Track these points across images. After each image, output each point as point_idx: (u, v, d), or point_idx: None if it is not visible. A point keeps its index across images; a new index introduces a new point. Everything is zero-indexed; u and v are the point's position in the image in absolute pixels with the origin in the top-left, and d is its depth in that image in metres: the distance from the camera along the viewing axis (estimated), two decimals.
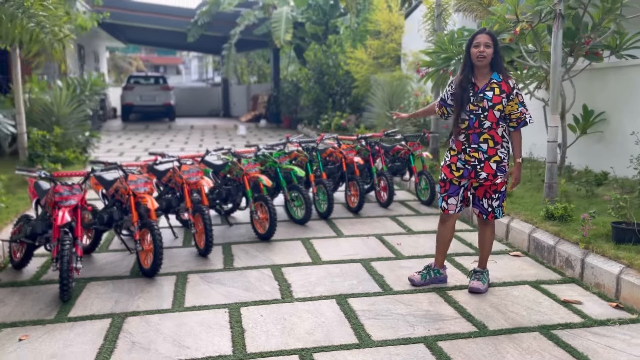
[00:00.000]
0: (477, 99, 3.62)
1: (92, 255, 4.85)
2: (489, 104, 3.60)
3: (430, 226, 5.77)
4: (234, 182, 5.53)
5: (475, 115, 3.62)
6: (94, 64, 23.47)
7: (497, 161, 3.66)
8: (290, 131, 17.11)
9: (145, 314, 3.61)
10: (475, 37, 3.61)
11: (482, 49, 3.56)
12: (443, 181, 3.83)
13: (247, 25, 18.02)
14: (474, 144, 3.66)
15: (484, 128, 3.62)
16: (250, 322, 3.49)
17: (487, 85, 3.65)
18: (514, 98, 3.65)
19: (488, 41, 3.58)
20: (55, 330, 3.37)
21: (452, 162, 3.77)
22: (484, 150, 3.65)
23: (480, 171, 3.67)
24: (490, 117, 3.61)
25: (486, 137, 3.64)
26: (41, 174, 4.04)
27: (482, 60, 3.59)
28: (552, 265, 4.55)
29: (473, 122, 3.63)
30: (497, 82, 3.65)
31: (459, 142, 3.71)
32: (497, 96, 3.61)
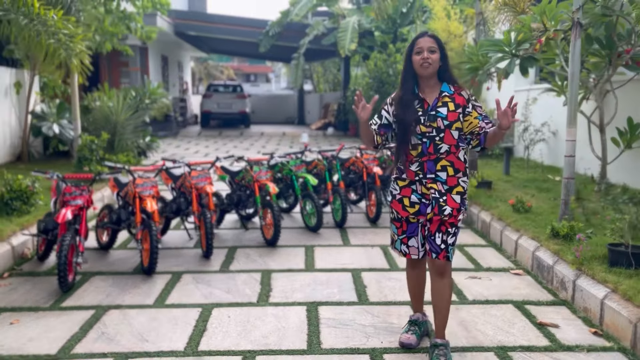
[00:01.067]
0: (428, 118, 2.91)
1: (109, 252, 5.25)
2: (444, 123, 2.89)
3: None
4: (247, 189, 5.76)
5: (429, 138, 2.91)
6: (177, 73, 24.95)
7: (460, 192, 2.98)
8: (356, 139, 17.22)
9: (126, 308, 3.89)
10: (416, 42, 2.95)
11: (425, 55, 2.89)
12: (398, 220, 3.12)
13: (316, 35, 18.36)
14: (430, 173, 2.95)
15: (440, 153, 2.92)
16: (216, 322, 3.66)
17: (438, 99, 2.94)
18: (472, 111, 2.94)
19: (432, 45, 2.91)
20: (44, 317, 3.74)
21: (405, 195, 3.03)
22: (443, 180, 2.95)
23: (445, 205, 2.95)
24: (448, 138, 2.91)
25: (445, 164, 2.93)
26: (54, 176, 4.48)
27: (427, 68, 2.90)
28: (550, 286, 4.34)
29: (427, 146, 2.92)
30: (449, 94, 2.95)
31: (412, 171, 3.00)
32: (452, 112, 2.91)
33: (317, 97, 26.69)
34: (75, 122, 8.00)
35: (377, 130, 3.06)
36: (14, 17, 4.66)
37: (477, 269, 4.77)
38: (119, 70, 18.69)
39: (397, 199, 3.08)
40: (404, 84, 3.01)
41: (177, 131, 19.93)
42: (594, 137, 6.90)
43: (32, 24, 4.68)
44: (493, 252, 5.27)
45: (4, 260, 4.69)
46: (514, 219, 5.45)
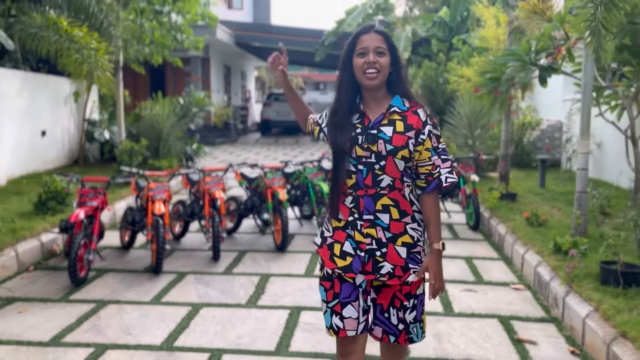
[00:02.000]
0: (367, 139, 2.13)
1: (130, 251, 5.61)
2: (387, 147, 2.11)
3: (454, 252, 5.59)
4: (261, 195, 5.96)
5: (367, 165, 2.14)
6: (240, 82, 25.80)
7: (407, 244, 2.14)
8: None
9: (124, 304, 4.18)
10: (358, 40, 2.17)
11: (371, 58, 2.12)
12: (327, 279, 2.22)
13: None
14: (367, 213, 2.14)
15: (381, 187, 2.13)
16: (200, 320, 3.86)
17: (385, 115, 2.16)
18: (426, 140, 2.15)
19: (380, 45, 2.14)
20: (50, 308, 4.09)
21: (337, 240, 2.20)
22: (385, 225, 2.14)
23: (382, 261, 2.14)
24: (391, 168, 2.12)
25: (386, 203, 2.13)
26: (72, 178, 4.88)
27: (373, 78, 2.13)
28: (545, 302, 4.21)
29: (363, 176, 2.14)
30: (401, 111, 2.17)
31: (346, 208, 2.18)
32: (400, 134, 2.13)
33: None
34: (120, 129, 8.57)
35: (314, 119, 2.39)
36: (45, 34, 5.15)
37: (477, 282, 4.70)
38: (182, 80, 19.63)
39: (327, 243, 2.22)
40: (340, 96, 2.23)
41: (235, 138, 20.61)
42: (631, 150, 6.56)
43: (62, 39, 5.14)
44: (501, 266, 5.15)
45: (32, 255, 5.13)
46: (525, 232, 5.31)
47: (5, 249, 4.85)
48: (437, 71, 14.88)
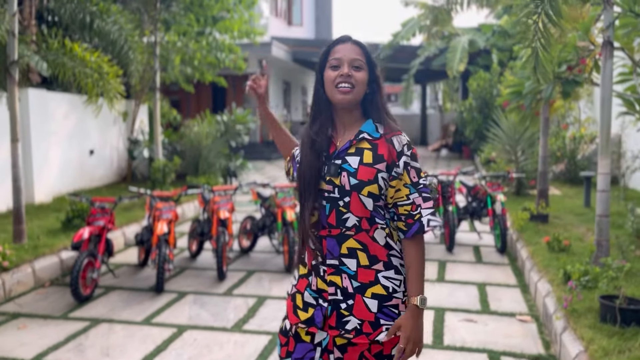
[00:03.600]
0: (329, 170, 1.85)
1: (144, 269, 5.75)
2: (350, 182, 1.81)
3: (470, 277, 5.29)
4: (273, 214, 5.93)
5: (330, 201, 1.84)
6: (300, 97, 26.11)
7: (379, 296, 1.82)
8: (466, 162, 16.54)
9: (116, 323, 4.27)
10: (332, 50, 1.89)
11: (345, 70, 1.84)
12: (283, 333, 1.96)
13: (427, 56, 18.09)
14: (331, 257, 1.85)
15: (346, 227, 1.83)
16: (179, 343, 3.86)
17: (352, 143, 1.87)
18: (402, 173, 1.83)
19: (357, 57, 1.87)
20: (47, 325, 4.24)
21: (299, 289, 1.94)
22: (352, 273, 1.83)
23: (348, 315, 1.83)
24: (356, 206, 1.81)
25: (353, 246, 1.83)
26: (82, 199, 5.08)
27: (346, 92, 1.84)
28: (548, 336, 3.86)
29: (326, 214, 1.85)
30: (372, 138, 1.86)
31: (310, 250, 1.90)
32: (367, 167, 1.82)
33: (438, 117, 26.13)
34: (157, 147, 8.89)
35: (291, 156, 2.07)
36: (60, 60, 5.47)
37: (481, 312, 4.40)
38: (241, 97, 20.15)
39: (291, 293, 1.96)
40: (314, 116, 1.94)
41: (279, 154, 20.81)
42: None
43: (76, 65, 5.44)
44: (515, 294, 4.80)
45: (50, 271, 5.38)
46: (543, 258, 4.92)
47: (22, 265, 5.11)
48: (491, 82, 14.31)
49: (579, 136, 9.60)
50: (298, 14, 24.94)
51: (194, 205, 8.45)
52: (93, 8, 6.11)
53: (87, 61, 5.56)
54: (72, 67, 5.48)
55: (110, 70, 5.86)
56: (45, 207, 7.69)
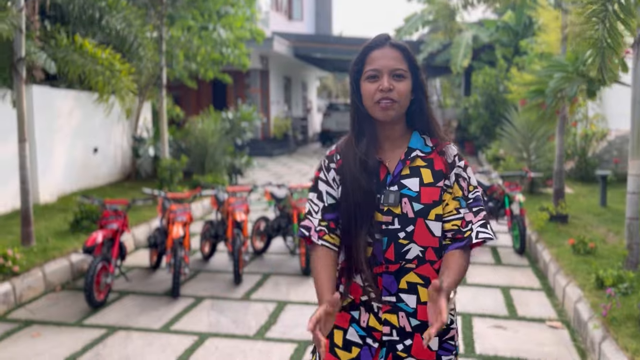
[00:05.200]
0: (386, 198, 1.63)
1: (156, 272, 5.60)
2: (414, 207, 1.62)
3: (492, 280, 5.17)
4: (288, 215, 5.79)
5: (387, 233, 1.62)
6: (301, 93, 25.93)
7: (440, 331, 1.65)
8: (470, 158, 16.44)
9: (133, 331, 4.12)
10: (367, 58, 1.64)
11: (385, 83, 1.60)
12: None
13: (431, 52, 17.94)
14: (387, 294, 1.63)
15: (406, 260, 1.62)
16: (201, 353, 3.73)
17: (404, 163, 1.66)
18: (453, 186, 1.65)
19: (398, 65, 1.62)
20: (62, 333, 4.10)
21: (336, 325, 1.69)
22: (411, 311, 1.63)
23: (405, 357, 1.64)
24: (421, 234, 1.62)
25: (414, 281, 1.63)
26: (94, 201, 4.92)
27: (387, 108, 1.61)
28: (583, 345, 3.74)
29: (383, 248, 1.62)
30: (425, 153, 1.68)
31: (357, 286, 1.67)
32: (429, 187, 1.64)
33: (439, 113, 25.99)
34: (163, 145, 8.72)
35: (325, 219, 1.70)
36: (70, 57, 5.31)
37: (509, 317, 4.28)
38: (243, 93, 19.95)
39: None
40: (359, 132, 1.69)
41: (294, 149, 20.67)
42: None
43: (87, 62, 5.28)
44: (541, 298, 4.68)
45: (61, 275, 5.23)
46: (569, 261, 4.80)
47: (32, 269, 4.95)
48: (498, 78, 14.18)
49: (591, 134, 9.49)
50: (298, 8, 24.73)
51: (202, 205, 8.30)
52: (102, 3, 5.95)
53: (98, 58, 5.41)
54: (82, 64, 5.33)
55: (123, 68, 5.70)
56: (50, 207, 7.52)
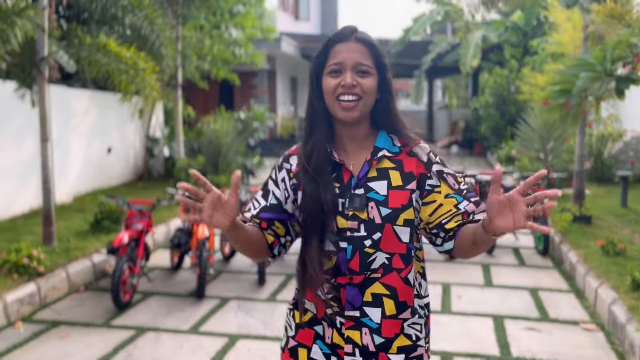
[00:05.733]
0: (351, 202, 1.49)
1: (178, 272, 5.56)
2: (381, 212, 1.49)
3: (518, 281, 5.13)
4: None
5: (352, 241, 1.49)
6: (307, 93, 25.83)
7: (405, 348, 1.52)
8: (479, 159, 16.41)
9: (162, 332, 4.08)
10: (331, 51, 1.50)
11: (348, 79, 1.46)
12: None
13: (439, 52, 17.90)
14: (350, 308, 1.50)
15: (371, 269, 1.49)
16: (233, 354, 3.69)
17: (370, 165, 1.52)
18: (440, 185, 1.52)
19: (362, 60, 1.48)
20: (90, 334, 4.06)
21: (301, 342, 1.59)
22: (375, 326, 1.49)
23: None
24: (389, 241, 1.49)
25: (379, 292, 1.49)
26: (119, 201, 4.89)
27: (350, 107, 1.48)
28: (621, 347, 3.69)
29: (347, 257, 1.49)
30: (392, 153, 1.54)
31: (319, 300, 1.53)
32: (398, 190, 1.50)
33: (446, 114, 25.92)
34: (178, 145, 8.68)
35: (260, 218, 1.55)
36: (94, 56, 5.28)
37: (541, 319, 4.23)
38: (249, 93, 19.93)
39: (289, 346, 1.60)
40: (312, 131, 1.54)
41: None
42: None
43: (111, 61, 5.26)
44: (571, 300, 4.64)
45: (84, 275, 5.19)
46: (599, 262, 4.76)
47: (56, 270, 4.92)
48: (509, 79, 14.13)
49: (607, 134, 9.44)
50: (305, 8, 24.70)
51: None
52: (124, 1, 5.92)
53: (122, 57, 5.38)
54: (106, 63, 5.30)
55: (147, 66, 5.67)
56: (67, 207, 7.49)
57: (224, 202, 1.34)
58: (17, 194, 7.00)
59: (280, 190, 1.57)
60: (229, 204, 1.35)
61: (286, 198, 1.56)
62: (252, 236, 1.51)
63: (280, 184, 1.57)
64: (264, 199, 1.58)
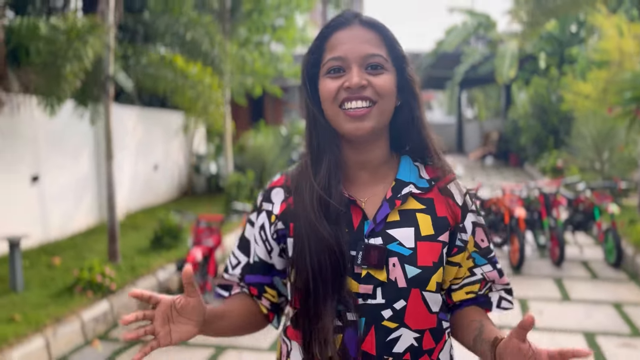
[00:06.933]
0: (366, 256, 1.07)
1: None
2: (407, 272, 1.08)
3: (598, 295, 4.94)
4: None
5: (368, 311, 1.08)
6: None
7: None
8: (516, 170, 16.16)
9: (242, 350, 4.00)
10: (328, 41, 1.10)
11: (355, 78, 1.05)
12: None
13: (473, 63, 17.78)
14: None
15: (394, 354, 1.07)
16: None
17: (392, 204, 1.11)
18: (469, 238, 1.16)
19: (373, 49, 1.08)
20: (171, 353, 4.00)
21: None
22: None
23: None
24: (415, 312, 1.08)
25: None
26: (189, 217, 4.85)
27: (362, 119, 1.07)
28: None
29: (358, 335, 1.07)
30: (420, 189, 1.14)
31: None
32: (429, 241, 1.10)
33: (476, 125, 25.69)
34: (227, 161, 8.69)
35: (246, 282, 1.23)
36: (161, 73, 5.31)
37: (633, 334, 4.04)
38: (280, 109, 20.01)
39: None
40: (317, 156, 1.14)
41: None
42: None
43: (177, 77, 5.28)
44: None
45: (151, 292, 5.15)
46: None
47: (126, 287, 4.89)
48: (549, 88, 13.91)
49: None
50: None
51: None
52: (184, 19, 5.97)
53: (189, 73, 5.40)
54: (172, 79, 5.33)
55: (213, 82, 5.69)
56: (121, 224, 7.49)
57: (180, 307, 1.03)
58: (74, 211, 7.04)
59: (259, 243, 1.18)
60: (188, 306, 1.03)
61: (268, 252, 1.18)
62: (239, 316, 1.18)
63: (259, 235, 1.18)
64: (245, 253, 1.21)
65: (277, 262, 1.17)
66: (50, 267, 5.35)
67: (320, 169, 1.11)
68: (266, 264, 1.18)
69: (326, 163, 1.11)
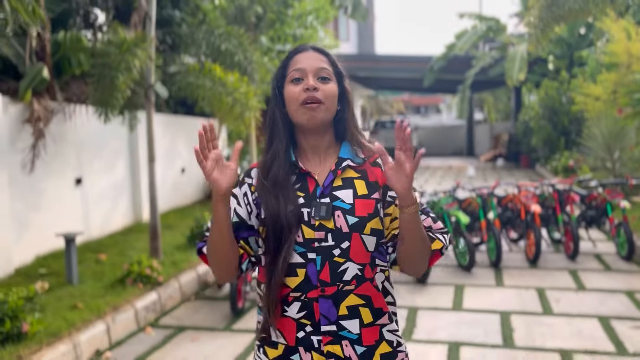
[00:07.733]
0: (317, 211, 1.48)
1: None
2: (349, 221, 1.48)
3: (611, 284, 5.27)
4: None
5: (321, 251, 1.47)
6: None
7: (386, 355, 1.50)
8: (528, 172, 16.44)
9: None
10: (291, 61, 1.56)
11: (310, 81, 1.51)
12: None
13: (483, 66, 18.08)
14: (327, 323, 1.46)
15: (344, 281, 1.46)
16: None
17: (335, 173, 1.54)
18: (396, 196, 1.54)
19: (323, 66, 1.54)
20: (217, 337, 4.38)
21: None
22: (355, 337, 1.46)
23: None
24: (358, 250, 1.48)
25: (354, 303, 1.47)
26: None
27: (315, 112, 1.51)
28: None
29: (317, 269, 1.46)
30: (357, 164, 1.56)
31: (291, 321, 1.48)
32: (364, 198, 1.51)
33: (487, 128, 25.98)
34: (251, 163, 9.08)
35: None
36: (201, 82, 5.70)
37: None
38: None
39: None
40: (272, 141, 1.55)
41: None
42: None
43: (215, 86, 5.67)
44: None
45: (192, 285, 5.54)
46: None
47: (170, 280, 5.28)
48: (559, 90, 14.21)
49: None
50: (344, 28, 25.22)
51: None
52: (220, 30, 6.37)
53: (227, 82, 5.79)
54: (210, 87, 5.72)
55: (249, 90, 6.07)
56: None
57: (225, 165, 1.39)
58: (112, 212, 7.46)
59: (243, 206, 1.52)
60: (229, 168, 1.39)
61: (249, 213, 1.52)
62: (231, 241, 1.45)
63: (242, 200, 1.53)
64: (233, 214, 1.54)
65: (254, 222, 1.53)
66: (98, 262, 5.75)
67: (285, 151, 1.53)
68: (245, 224, 1.52)
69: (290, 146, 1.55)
